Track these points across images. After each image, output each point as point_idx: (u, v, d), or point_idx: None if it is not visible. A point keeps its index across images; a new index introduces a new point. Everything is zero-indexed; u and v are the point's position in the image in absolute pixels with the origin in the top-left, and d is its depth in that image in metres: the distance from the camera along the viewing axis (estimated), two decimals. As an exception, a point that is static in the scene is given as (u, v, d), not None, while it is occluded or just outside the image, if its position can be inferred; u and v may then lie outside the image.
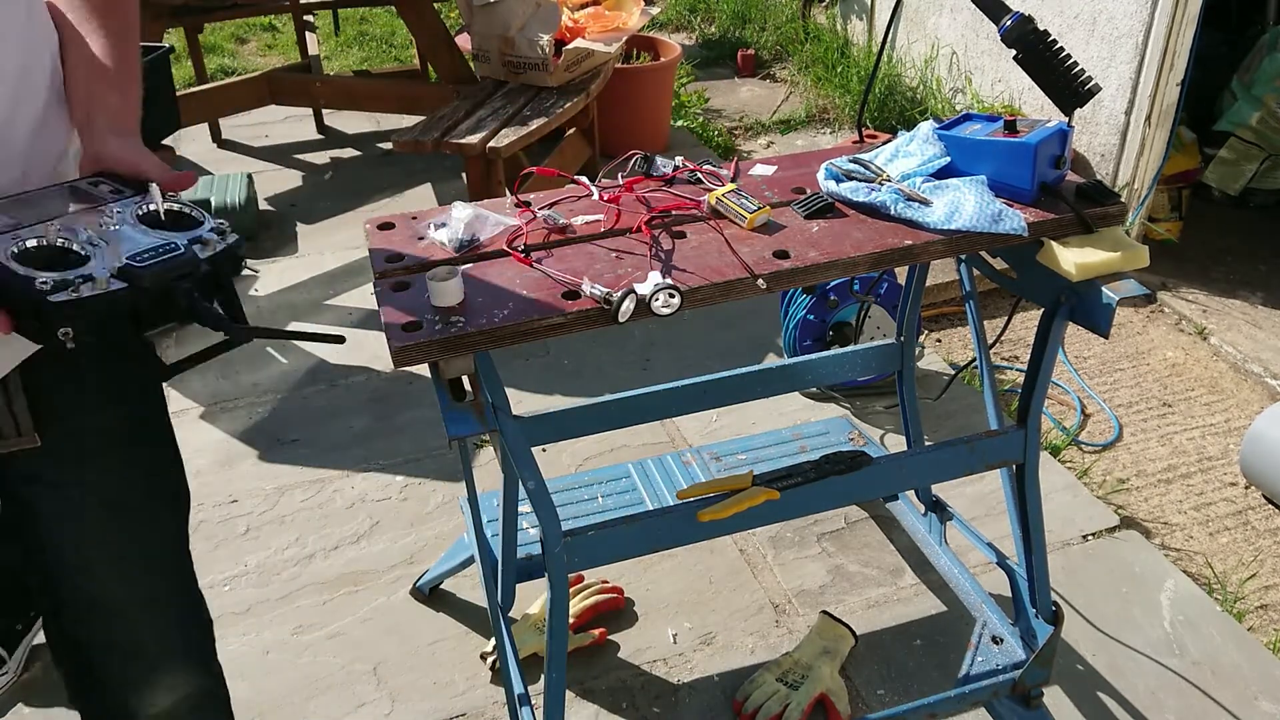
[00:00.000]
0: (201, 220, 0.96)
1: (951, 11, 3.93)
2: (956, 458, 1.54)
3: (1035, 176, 1.34)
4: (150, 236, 0.91)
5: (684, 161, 1.47)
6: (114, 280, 0.85)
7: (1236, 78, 3.33)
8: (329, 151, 4.22)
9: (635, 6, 3.62)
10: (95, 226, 0.90)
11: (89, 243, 0.88)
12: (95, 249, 0.87)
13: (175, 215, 0.95)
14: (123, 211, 0.93)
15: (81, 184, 0.97)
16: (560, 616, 1.38)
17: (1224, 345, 2.89)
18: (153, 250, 0.88)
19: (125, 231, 0.90)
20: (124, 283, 0.85)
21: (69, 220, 0.90)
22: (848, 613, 2.01)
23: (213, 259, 0.93)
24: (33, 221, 0.88)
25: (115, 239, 0.89)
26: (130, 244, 0.89)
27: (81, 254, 0.86)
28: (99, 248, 0.87)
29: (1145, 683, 1.88)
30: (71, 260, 0.86)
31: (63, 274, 0.83)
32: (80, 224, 0.90)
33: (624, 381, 2.71)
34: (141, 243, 0.89)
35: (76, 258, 0.86)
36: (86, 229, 0.89)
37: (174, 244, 0.90)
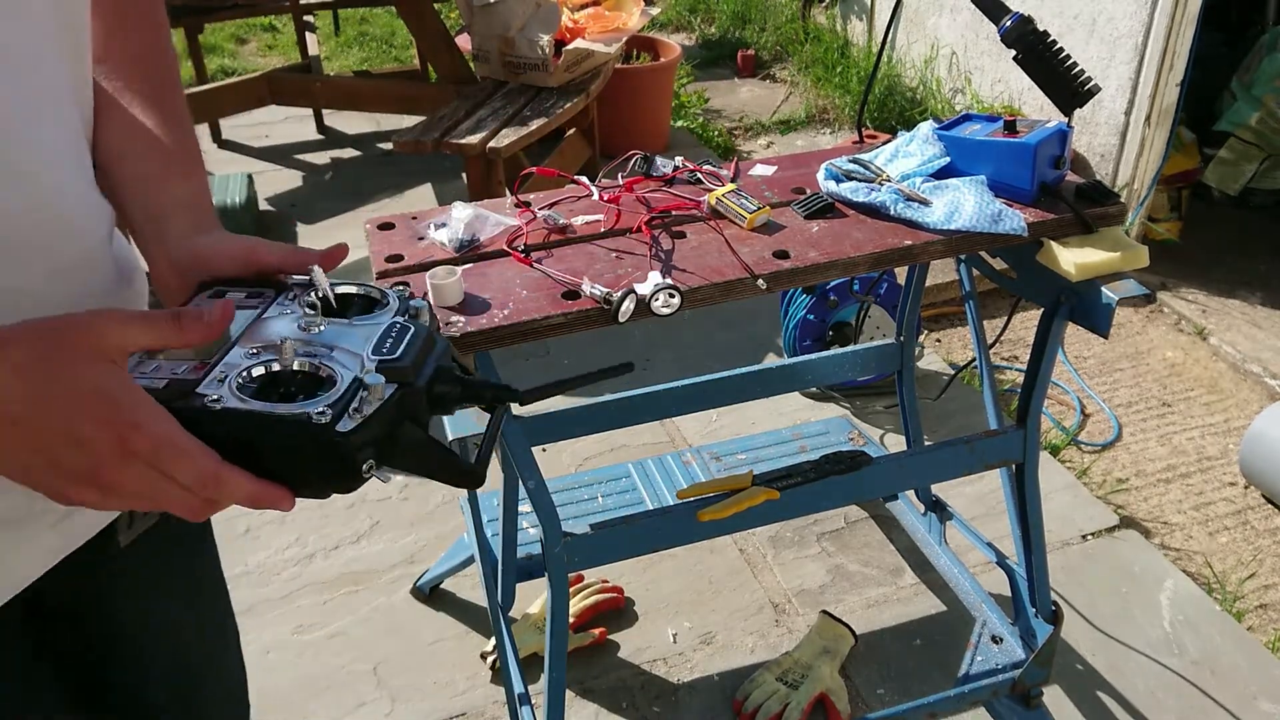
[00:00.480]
0: (383, 293, 0.76)
1: (951, 11, 3.93)
2: (956, 458, 1.55)
3: (1035, 176, 1.34)
4: (358, 327, 0.71)
5: (684, 161, 1.48)
6: (383, 382, 0.65)
7: (1236, 78, 3.33)
8: (329, 152, 4.22)
9: (635, 6, 3.62)
10: (295, 333, 0.69)
11: (309, 355, 0.68)
12: (324, 359, 0.67)
13: (346, 299, 0.76)
14: (295, 310, 0.73)
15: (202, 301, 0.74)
16: (560, 616, 1.38)
17: (1223, 345, 2.89)
18: (386, 336, 0.70)
19: (329, 331, 0.70)
20: (394, 382, 0.66)
21: (255, 337, 0.69)
22: (848, 612, 2.01)
23: (434, 325, 0.76)
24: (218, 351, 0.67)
25: (330, 340, 0.69)
26: (350, 339, 0.69)
27: (313, 368, 0.66)
28: (325, 357, 0.67)
29: (1145, 682, 1.88)
30: (313, 382, 0.66)
31: (333, 393, 0.63)
32: (273, 336, 0.69)
33: (624, 381, 2.72)
34: (360, 337, 0.70)
35: (309, 376, 0.66)
36: (290, 339, 0.68)
37: (396, 325, 0.71)
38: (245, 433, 0.62)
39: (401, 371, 0.67)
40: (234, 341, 0.68)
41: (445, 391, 0.71)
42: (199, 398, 0.62)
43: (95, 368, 0.57)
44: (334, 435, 0.61)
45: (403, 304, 0.75)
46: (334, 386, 0.64)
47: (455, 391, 0.72)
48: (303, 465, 0.63)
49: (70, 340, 0.57)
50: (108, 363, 0.58)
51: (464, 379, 0.73)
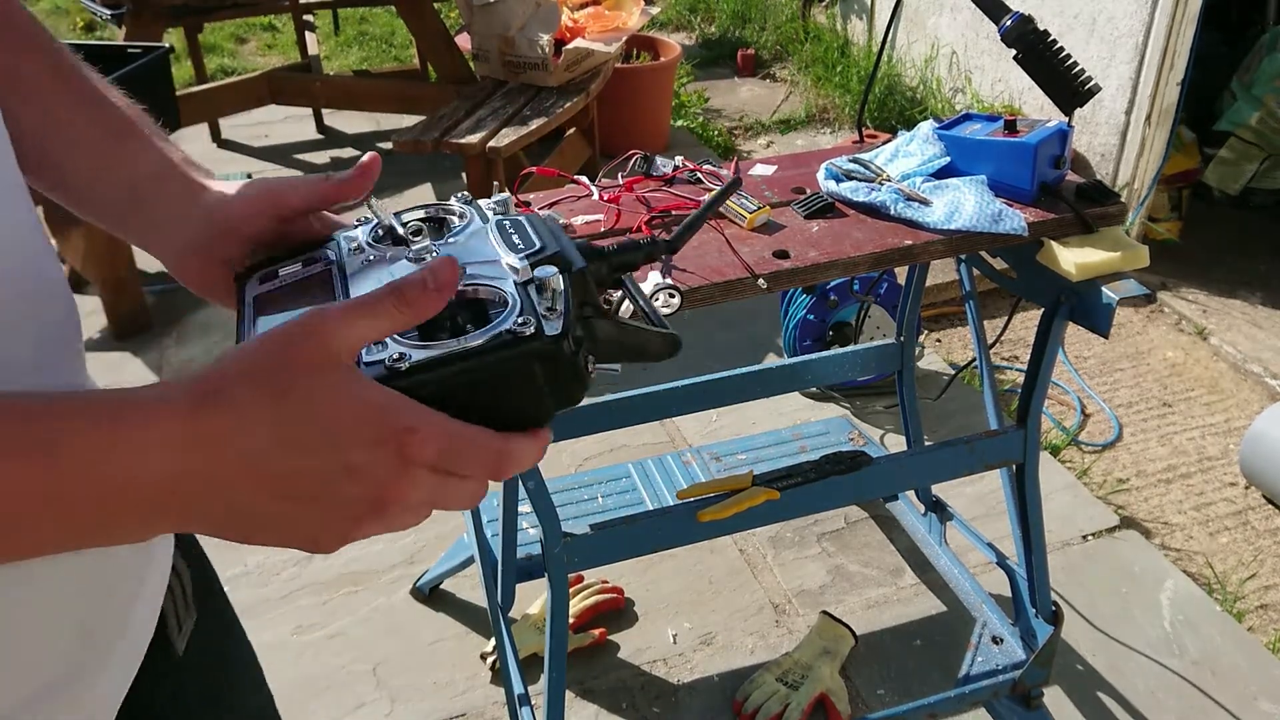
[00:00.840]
0: (449, 208, 0.67)
1: (951, 11, 3.93)
2: (956, 458, 1.54)
3: (1035, 176, 1.34)
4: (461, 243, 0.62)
5: (684, 161, 1.47)
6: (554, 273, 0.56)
7: (1236, 78, 3.33)
8: (329, 151, 4.22)
9: (635, 6, 3.62)
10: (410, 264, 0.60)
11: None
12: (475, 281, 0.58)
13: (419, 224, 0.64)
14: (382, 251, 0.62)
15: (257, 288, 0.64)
16: (560, 616, 1.38)
17: (1224, 345, 2.89)
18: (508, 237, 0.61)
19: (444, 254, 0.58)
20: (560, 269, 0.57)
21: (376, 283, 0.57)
22: (848, 613, 2.01)
23: None
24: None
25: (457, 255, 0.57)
26: (475, 250, 0.60)
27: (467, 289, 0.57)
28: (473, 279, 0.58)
29: (1145, 682, 1.88)
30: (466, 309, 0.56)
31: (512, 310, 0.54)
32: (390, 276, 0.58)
33: (624, 381, 2.71)
34: (476, 250, 0.60)
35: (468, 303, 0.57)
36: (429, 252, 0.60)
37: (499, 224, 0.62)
38: (447, 381, 0.52)
39: (557, 258, 0.57)
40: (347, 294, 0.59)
41: (597, 269, 0.63)
42: (374, 366, 0.51)
43: (338, 381, 0.48)
44: (549, 343, 0.52)
45: (478, 208, 0.65)
46: (506, 302, 0.55)
47: (605, 265, 0.64)
48: (527, 392, 0.54)
49: (299, 361, 0.48)
50: (347, 370, 0.49)
51: (605, 250, 0.64)
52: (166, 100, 2.94)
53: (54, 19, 5.86)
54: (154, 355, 2.87)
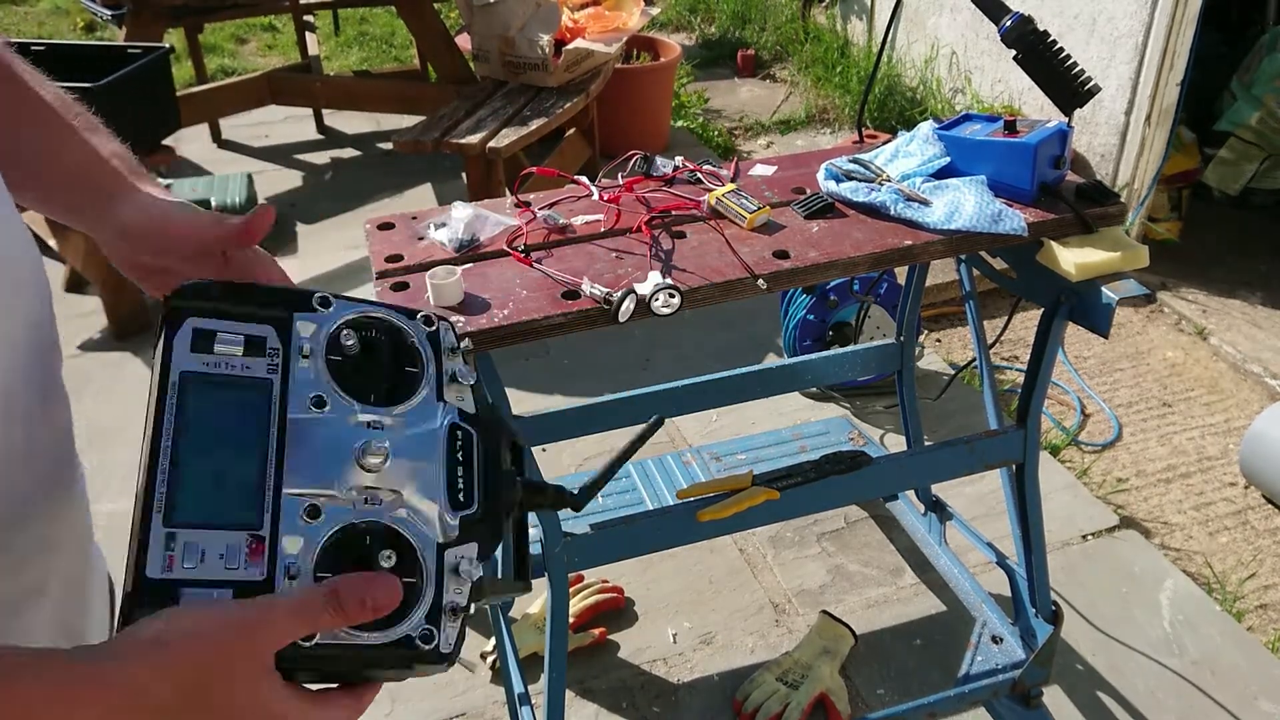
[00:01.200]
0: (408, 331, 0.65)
1: (951, 11, 3.93)
2: (956, 458, 1.54)
3: (1035, 176, 1.34)
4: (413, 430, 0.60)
5: (684, 161, 1.48)
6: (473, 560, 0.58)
7: (1236, 78, 3.33)
8: (329, 151, 4.22)
9: (635, 6, 3.62)
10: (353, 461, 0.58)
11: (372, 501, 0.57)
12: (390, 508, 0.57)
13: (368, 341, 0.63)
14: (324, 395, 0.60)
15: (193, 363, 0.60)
16: (560, 616, 1.38)
17: (1224, 345, 2.89)
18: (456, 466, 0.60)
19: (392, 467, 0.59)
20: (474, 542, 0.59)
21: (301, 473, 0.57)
22: (848, 612, 2.01)
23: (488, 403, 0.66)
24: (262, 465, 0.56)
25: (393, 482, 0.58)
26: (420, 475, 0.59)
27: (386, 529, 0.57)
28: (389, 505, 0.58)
29: (1145, 682, 1.88)
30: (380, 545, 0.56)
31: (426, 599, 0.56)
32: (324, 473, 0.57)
33: (624, 381, 2.71)
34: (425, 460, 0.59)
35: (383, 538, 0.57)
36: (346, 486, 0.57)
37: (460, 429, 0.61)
38: (341, 665, 0.55)
39: (481, 530, 0.59)
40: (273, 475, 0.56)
41: (511, 499, 0.64)
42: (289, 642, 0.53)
43: (256, 688, 0.53)
44: (438, 655, 0.56)
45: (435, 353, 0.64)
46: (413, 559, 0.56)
47: (517, 500, 0.64)
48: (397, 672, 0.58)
49: (231, 650, 0.51)
50: (265, 674, 0.53)
51: (527, 489, 0.65)
52: (166, 100, 2.95)
53: (54, 19, 5.86)
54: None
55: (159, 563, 0.53)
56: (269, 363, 0.60)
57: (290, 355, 0.61)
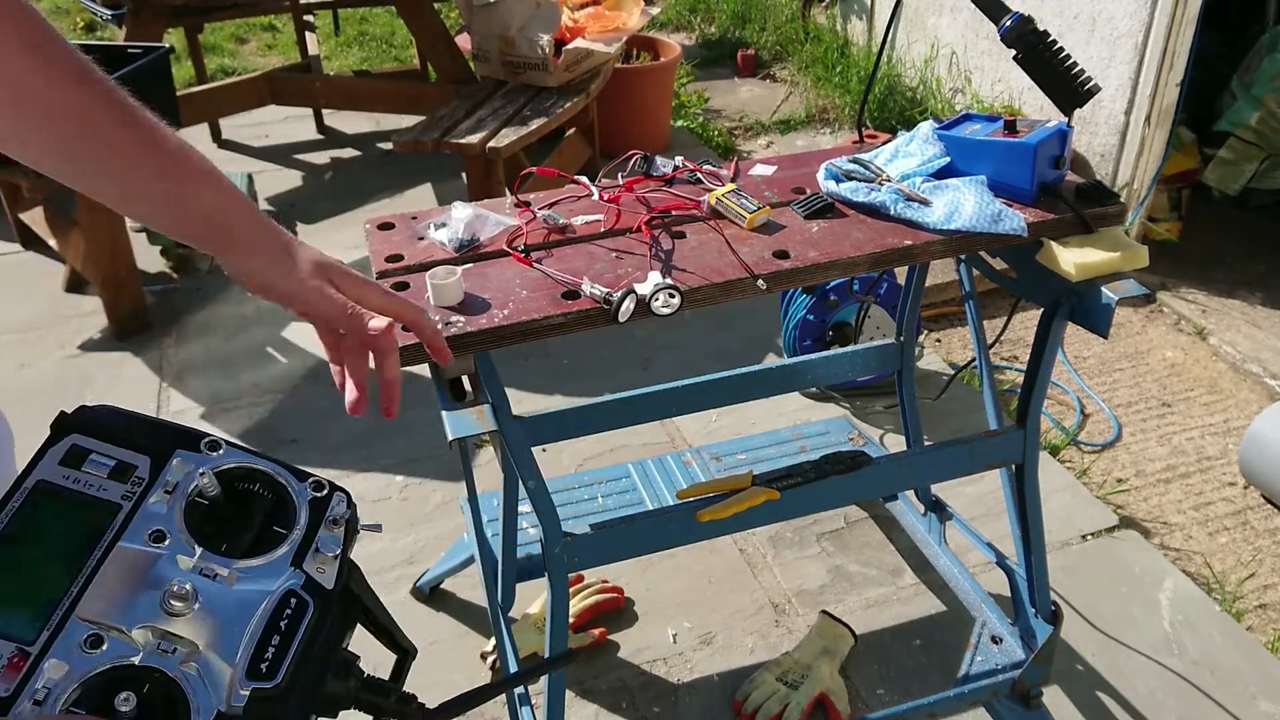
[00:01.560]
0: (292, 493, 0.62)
1: (951, 11, 3.93)
2: (956, 458, 1.55)
3: (1035, 176, 1.34)
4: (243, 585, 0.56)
5: (684, 161, 1.48)
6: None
7: (1236, 78, 3.33)
8: (329, 151, 4.22)
9: (635, 6, 3.62)
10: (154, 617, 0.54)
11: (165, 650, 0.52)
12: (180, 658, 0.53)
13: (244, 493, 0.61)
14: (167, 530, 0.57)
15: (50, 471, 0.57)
16: (560, 617, 1.38)
17: (1223, 345, 2.89)
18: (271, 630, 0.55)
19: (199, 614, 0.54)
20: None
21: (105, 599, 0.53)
22: (847, 613, 2.01)
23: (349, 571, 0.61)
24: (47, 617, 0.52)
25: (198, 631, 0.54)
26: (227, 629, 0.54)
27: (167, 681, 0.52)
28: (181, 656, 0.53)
29: (1145, 682, 1.88)
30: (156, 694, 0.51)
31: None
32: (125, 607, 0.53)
33: (624, 381, 2.71)
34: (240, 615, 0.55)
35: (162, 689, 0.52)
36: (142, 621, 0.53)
37: (291, 600, 0.56)
38: None
39: (279, 707, 0.53)
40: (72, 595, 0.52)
41: (339, 692, 0.58)
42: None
43: None
44: None
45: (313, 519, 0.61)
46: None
47: (351, 693, 0.59)
48: None
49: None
50: None
51: (362, 689, 0.59)
52: (167, 100, 2.94)
53: (54, 19, 5.86)
54: (154, 355, 2.87)
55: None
56: (126, 489, 0.58)
57: (153, 488, 0.58)
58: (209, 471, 0.59)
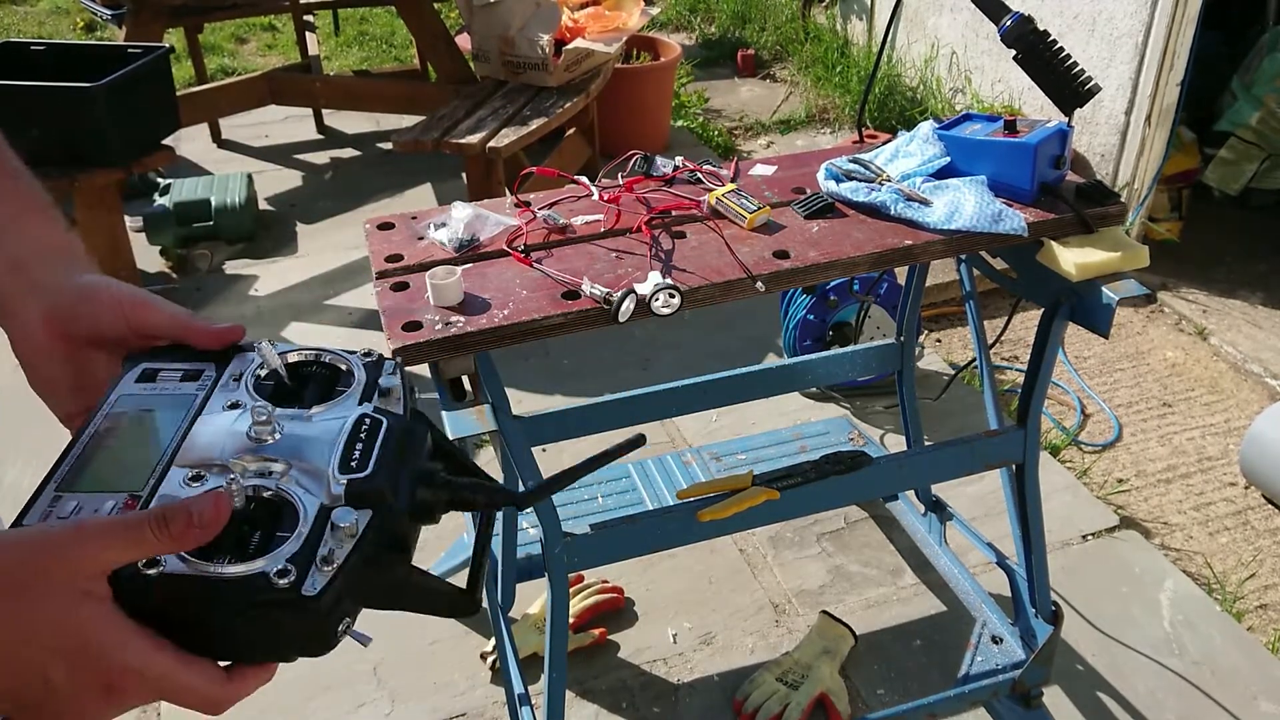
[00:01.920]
0: (347, 362, 0.65)
1: (951, 11, 3.93)
2: (956, 458, 1.54)
3: (1035, 176, 1.34)
4: (319, 424, 0.60)
5: (684, 161, 1.47)
6: (357, 515, 0.55)
7: (1236, 78, 3.33)
8: (329, 151, 4.22)
9: (635, 6, 3.62)
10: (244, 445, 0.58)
11: (262, 473, 0.57)
12: (280, 480, 0.56)
13: (302, 370, 0.65)
14: (242, 398, 0.62)
15: (129, 387, 0.63)
16: (560, 616, 1.38)
17: (1224, 345, 2.89)
18: (354, 440, 0.59)
19: (286, 439, 0.59)
20: (368, 509, 0.56)
21: (196, 450, 0.58)
22: (848, 613, 2.01)
23: (409, 401, 0.64)
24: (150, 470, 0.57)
25: (286, 452, 0.58)
26: (311, 448, 0.58)
27: (272, 494, 0.56)
28: (283, 478, 0.57)
29: (1145, 683, 1.88)
30: (269, 513, 0.55)
31: (295, 540, 0.53)
32: (217, 450, 0.58)
33: (624, 381, 2.71)
34: (323, 441, 0.58)
35: (270, 507, 0.56)
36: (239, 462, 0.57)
37: (365, 420, 0.60)
38: (192, 604, 0.52)
39: (376, 493, 0.56)
40: (169, 455, 0.58)
41: (429, 498, 0.61)
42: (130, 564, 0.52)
43: (71, 606, 0.50)
44: (300, 600, 0.52)
45: (370, 375, 0.64)
46: (296, 523, 0.54)
47: (442, 498, 0.61)
48: (264, 633, 0.54)
49: (44, 570, 0.50)
50: (85, 597, 0.51)
51: (451, 481, 0.62)
52: (167, 100, 2.94)
53: (54, 19, 5.86)
54: (154, 355, 2.87)
55: (36, 517, 0.55)
56: (199, 385, 0.63)
57: (221, 378, 0.64)
58: (270, 351, 0.64)
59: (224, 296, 3.18)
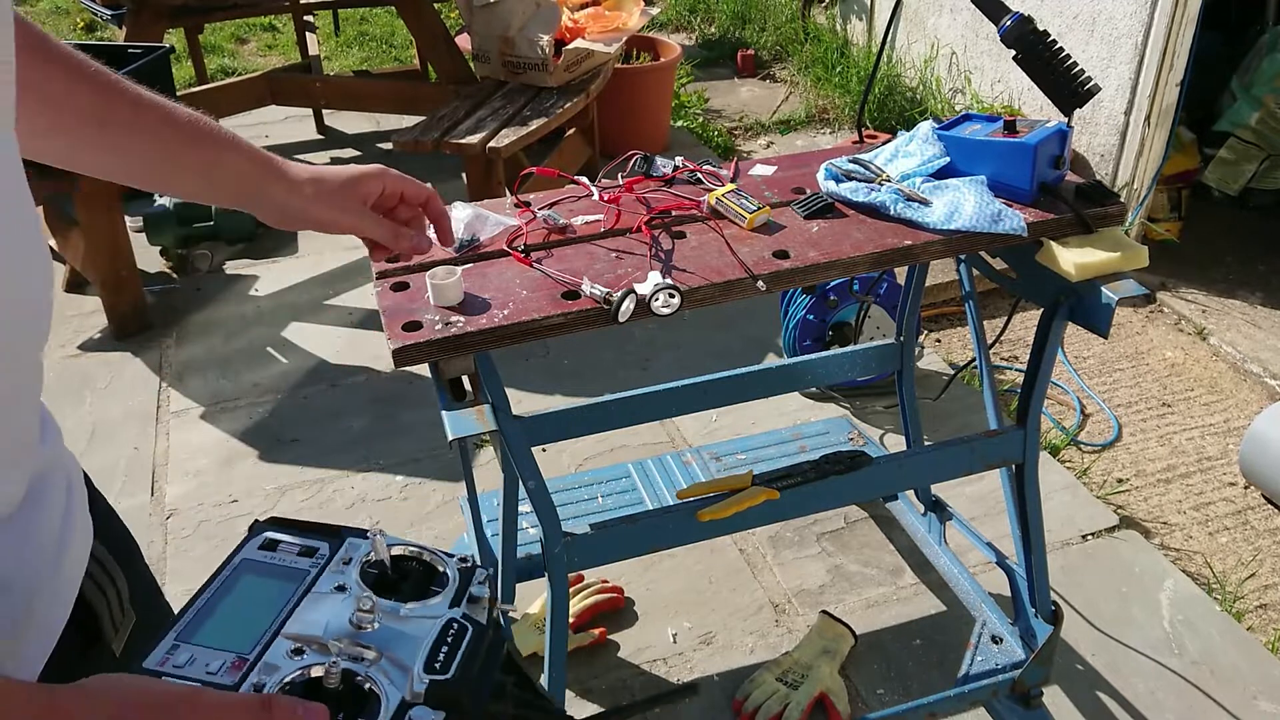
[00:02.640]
0: (445, 563, 0.71)
1: (951, 11, 3.93)
2: (956, 458, 1.55)
3: (1035, 176, 1.34)
4: (412, 622, 0.65)
5: (684, 161, 1.48)
6: (434, 715, 0.60)
7: (1236, 78, 3.33)
8: (329, 151, 4.22)
9: (635, 6, 3.62)
10: (345, 629, 0.64)
11: (355, 660, 0.62)
12: (370, 668, 0.61)
13: (404, 564, 0.70)
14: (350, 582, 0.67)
15: (251, 553, 0.71)
16: (560, 616, 1.38)
17: (1223, 345, 2.89)
18: (441, 642, 0.64)
19: (382, 630, 0.64)
20: (443, 712, 0.60)
21: (302, 624, 0.64)
22: (847, 612, 2.01)
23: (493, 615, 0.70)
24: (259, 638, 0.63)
25: (380, 643, 0.63)
26: (401, 644, 0.63)
27: (365, 684, 0.61)
28: (373, 665, 0.61)
29: (1145, 682, 1.88)
30: (354, 695, 0.60)
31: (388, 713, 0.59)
32: (320, 628, 0.64)
33: (624, 381, 2.71)
34: (414, 637, 0.64)
35: (355, 690, 0.60)
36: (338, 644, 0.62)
37: (454, 625, 0.65)
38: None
39: (454, 698, 0.61)
40: (277, 625, 0.64)
41: (498, 710, 0.66)
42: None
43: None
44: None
45: (463, 580, 0.70)
46: (377, 712, 0.59)
47: (509, 712, 0.67)
48: None
49: (152, 710, 0.56)
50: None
51: (520, 697, 0.67)
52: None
53: (54, 19, 5.86)
54: (154, 355, 2.88)
55: (156, 660, 0.62)
56: (312, 562, 0.70)
57: (333, 559, 0.70)
58: (381, 543, 0.70)
59: (224, 297, 3.18)
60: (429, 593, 0.69)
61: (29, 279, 0.64)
